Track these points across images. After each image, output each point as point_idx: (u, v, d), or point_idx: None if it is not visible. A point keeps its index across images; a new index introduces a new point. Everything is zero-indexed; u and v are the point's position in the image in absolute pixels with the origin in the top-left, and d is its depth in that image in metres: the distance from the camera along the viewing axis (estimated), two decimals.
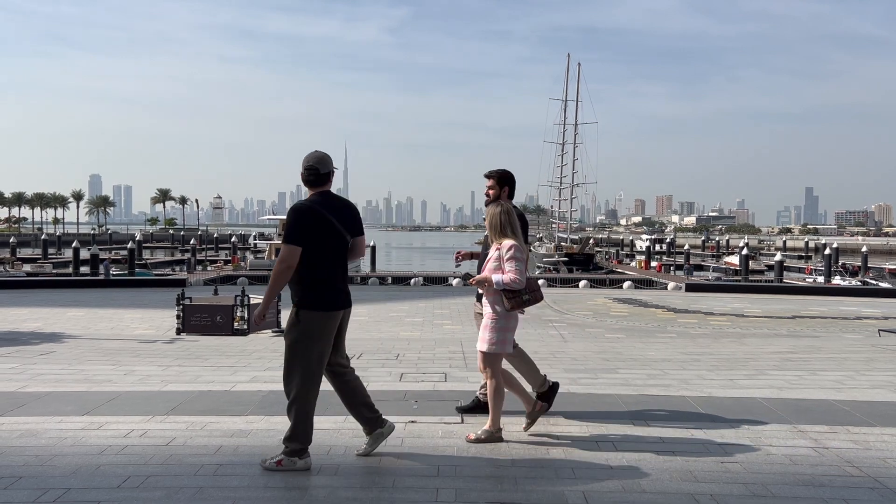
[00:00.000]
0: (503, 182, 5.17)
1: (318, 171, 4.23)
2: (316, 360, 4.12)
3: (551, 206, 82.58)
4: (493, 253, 4.67)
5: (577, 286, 29.18)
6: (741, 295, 21.97)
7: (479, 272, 4.93)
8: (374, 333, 11.75)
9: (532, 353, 8.85)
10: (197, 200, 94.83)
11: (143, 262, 50.45)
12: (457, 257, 5.58)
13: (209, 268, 45.62)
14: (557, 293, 23.54)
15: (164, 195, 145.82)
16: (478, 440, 4.61)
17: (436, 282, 32.63)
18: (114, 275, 32.54)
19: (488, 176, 5.22)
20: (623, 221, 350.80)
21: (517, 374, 5.17)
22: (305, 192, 4.89)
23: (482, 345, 4.62)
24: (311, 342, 4.10)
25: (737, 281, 35.84)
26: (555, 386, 5.22)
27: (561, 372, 7.39)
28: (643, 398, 6.01)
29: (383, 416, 4.40)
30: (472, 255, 5.57)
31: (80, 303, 16.91)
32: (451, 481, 3.91)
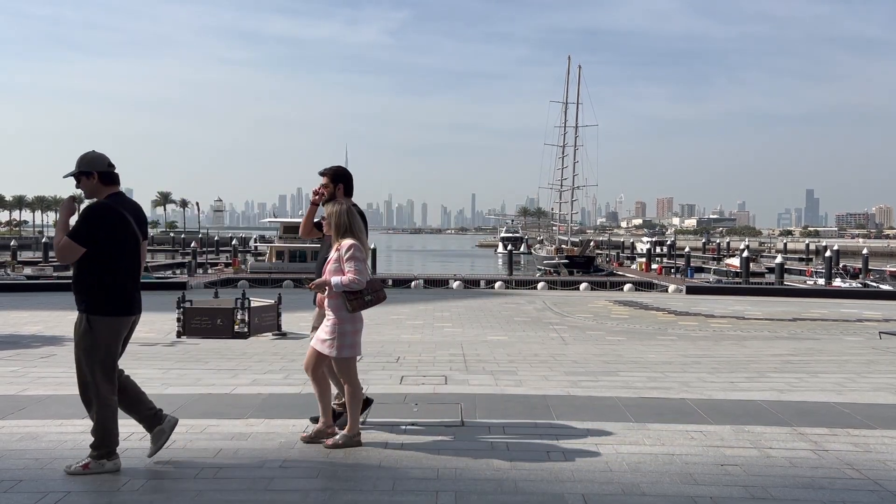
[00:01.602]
0: (337, 179, 4.98)
1: (114, 167, 4.09)
2: (112, 366, 4.03)
3: (552, 209, 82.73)
4: (332, 254, 4.53)
5: (578, 288, 29.18)
6: (742, 297, 21.97)
7: (318, 273, 4.77)
8: (375, 336, 11.75)
9: (533, 356, 8.89)
10: (198, 203, 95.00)
11: (144, 265, 50.42)
12: (317, 196, 5.05)
13: (210, 271, 45.62)
14: (558, 295, 23.53)
15: (164, 198, 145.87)
16: (335, 445, 4.47)
17: (437, 284, 32.64)
18: None
19: (322, 174, 5.03)
20: (624, 224, 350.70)
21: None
22: (306, 195, 4.88)
23: (334, 351, 4.45)
24: (107, 347, 3.99)
25: (737, 283, 35.83)
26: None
27: (561, 374, 7.39)
28: (644, 401, 6.01)
29: (163, 413, 4.22)
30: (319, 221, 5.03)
31: None
32: (452, 484, 3.91)
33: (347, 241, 4.48)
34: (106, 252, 3.96)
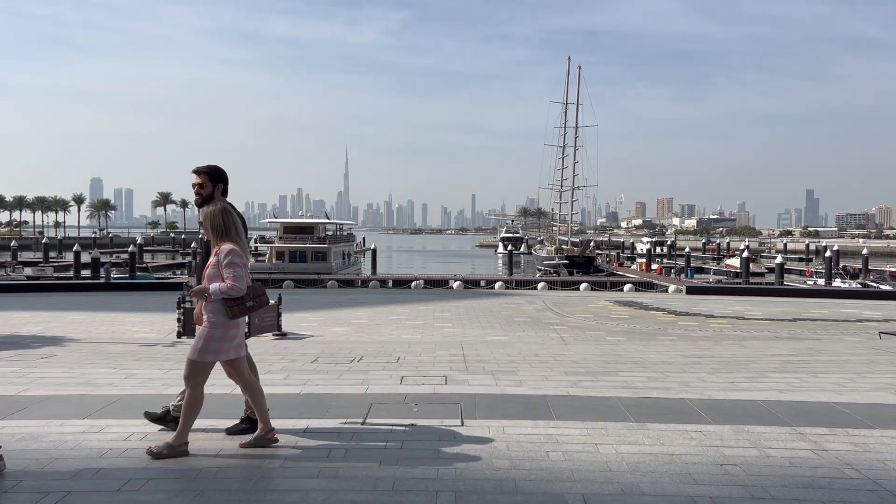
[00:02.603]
0: (216, 179, 4.73)
1: None
2: None
3: (552, 209, 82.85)
4: (212, 259, 4.40)
5: (578, 289, 29.16)
6: (742, 297, 21.96)
7: (199, 278, 4.57)
8: (375, 336, 11.75)
9: (533, 356, 8.90)
10: None
11: (144, 265, 50.51)
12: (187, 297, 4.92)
13: None
14: (558, 296, 23.52)
15: (165, 199, 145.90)
16: (160, 455, 4.30)
17: (437, 285, 32.65)
18: (115, 278, 32.57)
19: (197, 172, 4.74)
20: (624, 224, 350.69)
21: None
22: (307, 196, 4.87)
23: (194, 354, 4.34)
24: None
25: (737, 283, 35.82)
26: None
27: (561, 374, 7.40)
28: (644, 401, 6.02)
29: None
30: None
31: (80, 306, 16.91)
32: (451, 483, 3.92)
33: (227, 247, 4.35)
34: None
